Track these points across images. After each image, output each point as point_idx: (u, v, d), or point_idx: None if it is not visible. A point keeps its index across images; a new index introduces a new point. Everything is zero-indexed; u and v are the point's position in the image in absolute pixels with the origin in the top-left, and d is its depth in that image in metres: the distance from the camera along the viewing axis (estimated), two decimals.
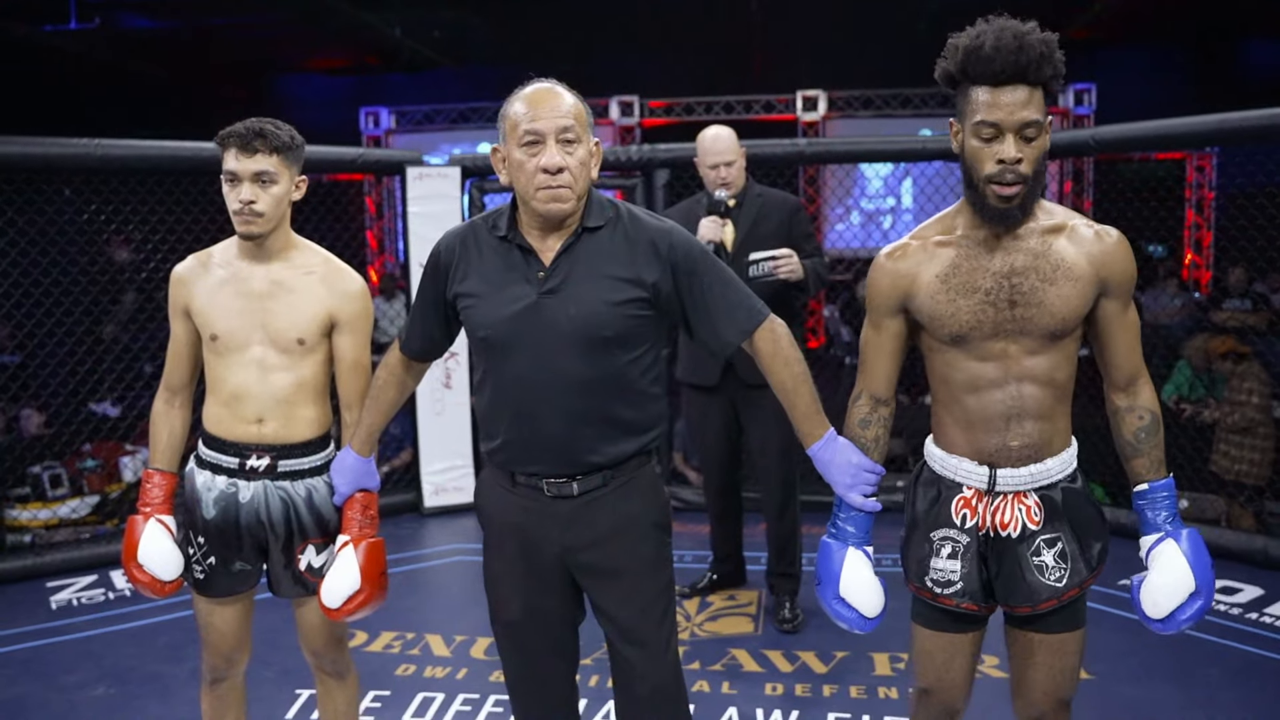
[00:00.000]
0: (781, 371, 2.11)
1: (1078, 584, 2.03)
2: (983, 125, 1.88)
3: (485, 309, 2.09)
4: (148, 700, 3.44)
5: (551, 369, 2.05)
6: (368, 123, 11.16)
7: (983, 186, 1.91)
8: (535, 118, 1.99)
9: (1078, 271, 1.95)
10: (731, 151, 3.91)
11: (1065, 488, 2.05)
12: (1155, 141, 5.23)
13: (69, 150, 4.59)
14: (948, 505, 2.07)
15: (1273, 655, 3.64)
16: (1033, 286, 1.95)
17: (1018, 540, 2.03)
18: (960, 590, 2.06)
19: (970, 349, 1.99)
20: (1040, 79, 1.87)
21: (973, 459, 2.04)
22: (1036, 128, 1.88)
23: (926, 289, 2.00)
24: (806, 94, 10.55)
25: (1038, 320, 1.95)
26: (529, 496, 2.14)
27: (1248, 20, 9.80)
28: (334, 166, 5.58)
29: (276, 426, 2.38)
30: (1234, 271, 7.74)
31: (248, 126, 2.30)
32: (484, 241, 2.13)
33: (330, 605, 2.33)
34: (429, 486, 5.57)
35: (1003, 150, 1.87)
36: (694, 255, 2.11)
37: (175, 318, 2.45)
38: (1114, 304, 2.00)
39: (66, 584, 4.58)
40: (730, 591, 4.29)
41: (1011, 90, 1.86)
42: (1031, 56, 1.85)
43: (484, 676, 3.55)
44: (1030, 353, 1.98)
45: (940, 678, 2.14)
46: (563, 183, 1.99)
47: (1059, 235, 1.97)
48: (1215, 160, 10.42)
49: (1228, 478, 5.43)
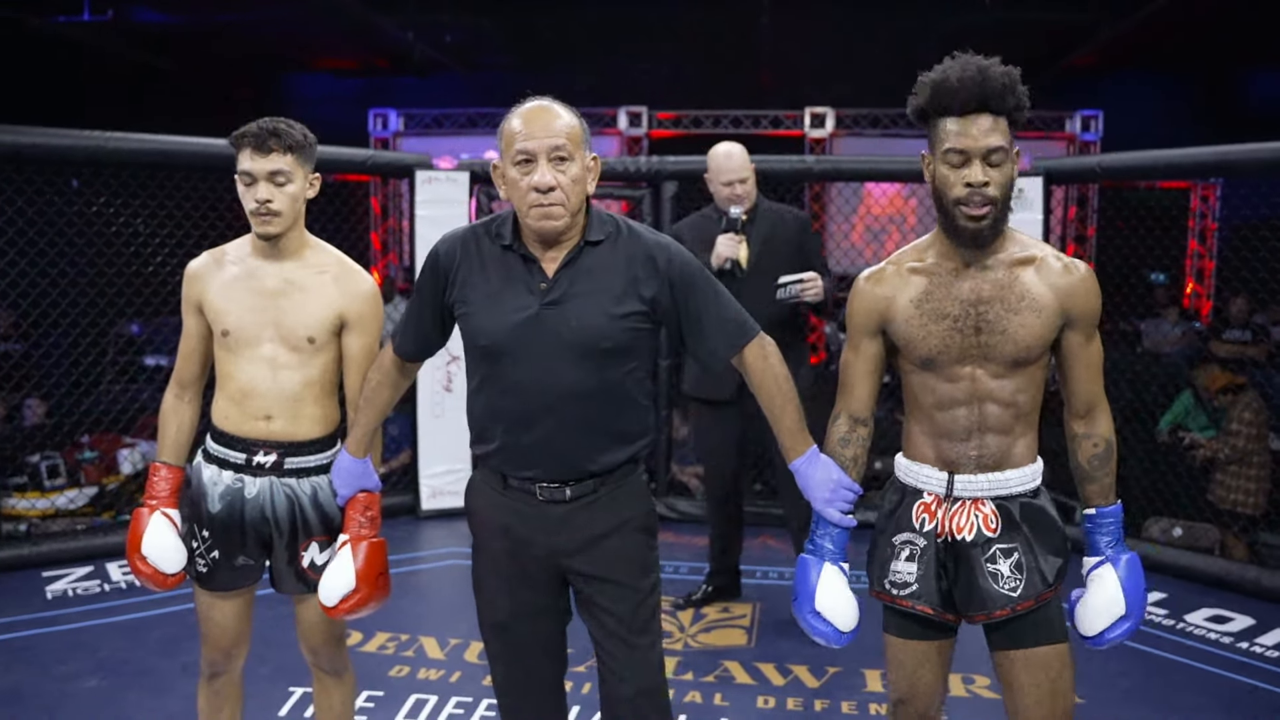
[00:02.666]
0: (770, 387, 2.16)
1: (1033, 596, 2.07)
2: (951, 152, 1.99)
3: (485, 317, 2.11)
4: (140, 693, 3.44)
5: (550, 378, 2.08)
6: (376, 124, 11.18)
7: (952, 210, 2.01)
8: (528, 136, 2.03)
9: (1042, 303, 2.04)
10: (745, 169, 3.96)
11: (1024, 501, 2.11)
12: (1161, 170, 5.26)
13: (79, 142, 4.61)
14: (908, 510, 2.15)
15: (1263, 685, 3.66)
16: (997, 315, 2.04)
17: (972, 545, 2.09)
18: (916, 592, 2.12)
19: (939, 371, 2.09)
20: (1003, 109, 1.98)
21: (934, 465, 2.13)
22: (1002, 154, 1.98)
23: (902, 313, 2.10)
24: (814, 110, 10.59)
25: (1001, 347, 2.04)
26: (520, 499, 2.17)
27: (1255, 50, 9.85)
28: (344, 167, 5.60)
29: (284, 424, 2.40)
30: (1235, 302, 7.78)
31: (261, 126, 2.32)
32: (485, 248, 2.15)
33: (326, 603, 2.35)
34: (427, 489, 5.58)
35: (971, 175, 1.97)
36: (690, 270, 2.15)
37: (188, 313, 2.47)
38: (1077, 335, 2.09)
39: (62, 574, 4.58)
40: (724, 604, 4.30)
41: (976, 119, 1.97)
42: (994, 88, 1.95)
43: (477, 680, 3.56)
44: (995, 376, 2.07)
45: (911, 686, 2.18)
46: (554, 200, 2.02)
47: (1027, 267, 2.06)
48: (1219, 191, 10.46)
49: (1223, 507, 5.45)
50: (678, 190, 5.54)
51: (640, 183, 5.59)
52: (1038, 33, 9.12)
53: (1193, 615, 4.25)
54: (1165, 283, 9.80)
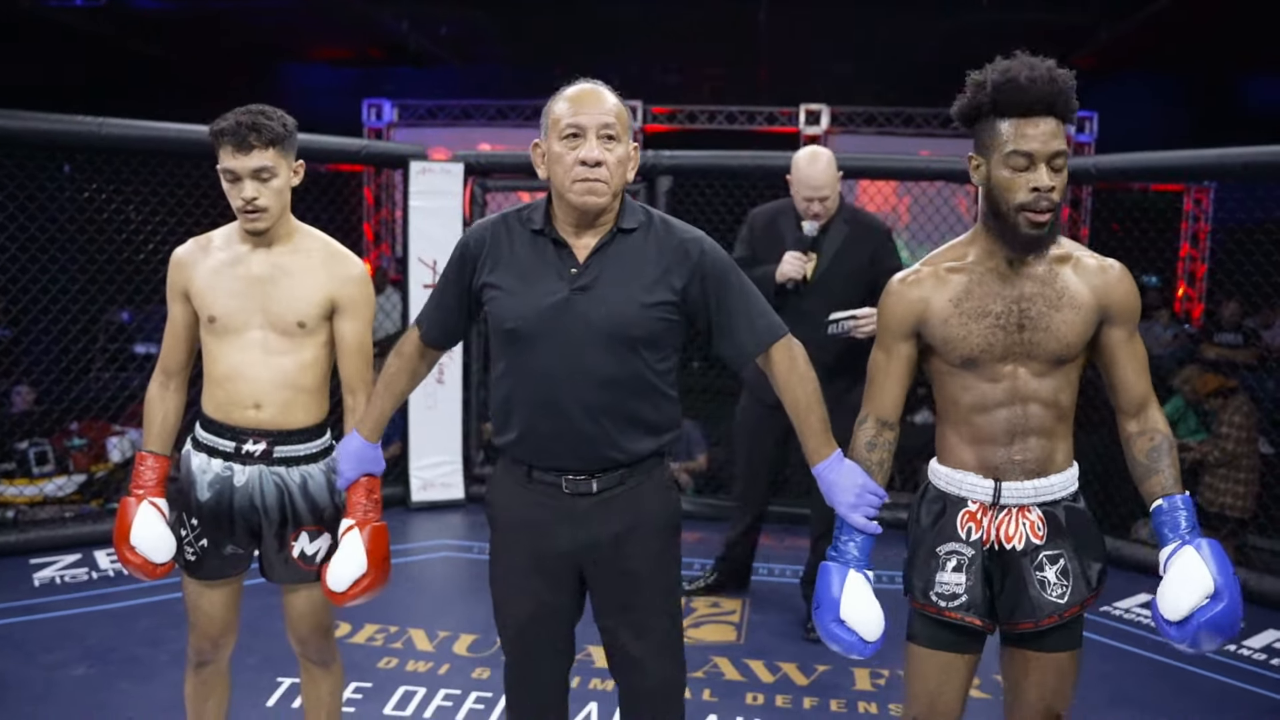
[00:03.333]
0: (796, 389, 2.14)
1: (1079, 602, 2.06)
2: (1015, 155, 1.94)
3: (514, 301, 2.10)
4: (128, 682, 3.43)
5: (577, 365, 2.07)
6: (370, 115, 11.15)
7: (1014, 215, 1.96)
8: (578, 112, 2.03)
9: (1081, 300, 2.02)
10: (828, 186, 3.71)
11: (1068, 506, 2.09)
12: (1155, 172, 5.27)
13: (73, 128, 4.58)
14: (953, 520, 2.11)
15: (1249, 688, 3.66)
16: (1040, 312, 2.01)
17: (1021, 554, 2.06)
18: (965, 604, 2.09)
19: (980, 371, 2.05)
20: (1066, 112, 1.94)
21: (978, 473, 2.08)
22: (1064, 158, 1.95)
23: (939, 314, 2.06)
24: (810, 108, 10.59)
25: (1044, 344, 2.01)
26: (545, 493, 2.16)
27: (1249, 55, 9.87)
28: (337, 157, 5.58)
29: (274, 411, 2.38)
30: (1228, 305, 7.80)
31: (240, 121, 2.29)
32: (516, 234, 2.15)
33: (336, 589, 2.33)
34: (417, 481, 5.57)
35: (1037, 179, 1.93)
36: (723, 265, 2.15)
37: (174, 300, 2.45)
38: (1118, 332, 2.06)
39: (49, 562, 4.56)
40: (715, 599, 4.30)
41: (1043, 121, 1.93)
42: (1063, 88, 1.93)
43: (466, 673, 3.56)
44: (1037, 375, 2.04)
45: (933, 704, 2.14)
46: (599, 176, 2.02)
47: (1065, 265, 2.04)
48: (1212, 194, 10.49)
49: (1211, 510, 5.46)
50: (672, 185, 5.54)
51: (636, 177, 5.56)
52: (1035, 34, 9.11)
53: None
54: (1157, 285, 9.83)
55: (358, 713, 3.26)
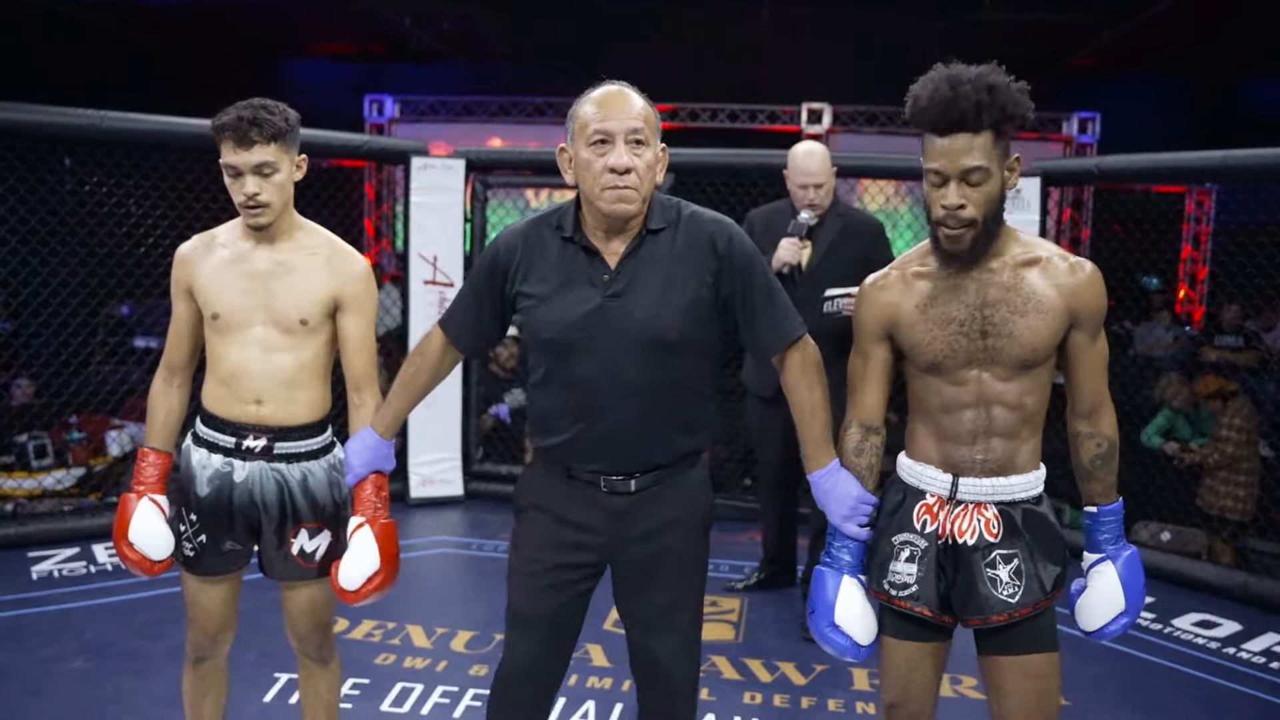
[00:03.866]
0: (804, 392, 2.15)
1: (1031, 603, 2.06)
2: (930, 172, 1.97)
3: (549, 310, 2.09)
4: (125, 676, 3.42)
5: (616, 372, 2.06)
6: (372, 110, 11.14)
7: (935, 230, 1.99)
8: (605, 118, 2.01)
9: (1048, 304, 2.02)
10: (823, 173, 3.86)
11: (1027, 508, 2.10)
12: (1158, 173, 5.27)
13: (74, 120, 4.58)
14: (910, 511, 2.13)
15: (1247, 690, 3.66)
16: (1004, 318, 2.02)
17: (973, 549, 2.08)
18: (915, 594, 2.11)
19: (945, 375, 2.07)
20: (980, 126, 1.91)
21: (939, 467, 2.11)
22: (981, 173, 1.93)
23: (907, 318, 2.08)
24: (812, 106, 10.58)
25: (1008, 350, 2.02)
26: (582, 490, 2.16)
27: (1253, 57, 9.86)
28: (339, 152, 5.58)
29: (275, 408, 2.38)
30: (1229, 308, 7.79)
31: (241, 116, 2.27)
32: (547, 240, 2.12)
33: (349, 588, 2.31)
34: (416, 478, 5.56)
35: (946, 197, 1.94)
36: (748, 255, 2.13)
37: (178, 297, 2.45)
38: (1083, 335, 2.07)
39: (48, 555, 4.56)
40: (713, 598, 4.30)
41: (952, 138, 1.92)
42: (965, 106, 1.89)
43: (463, 670, 3.55)
44: (1002, 379, 2.05)
45: (904, 689, 2.17)
46: (629, 184, 2.00)
47: (1032, 268, 2.03)
48: (1214, 196, 10.48)
49: (1211, 512, 5.46)
50: (674, 183, 5.53)
51: None
52: (1038, 33, 9.12)
53: (1180, 620, 4.25)
54: (1159, 287, 9.82)
55: (355, 709, 3.26)
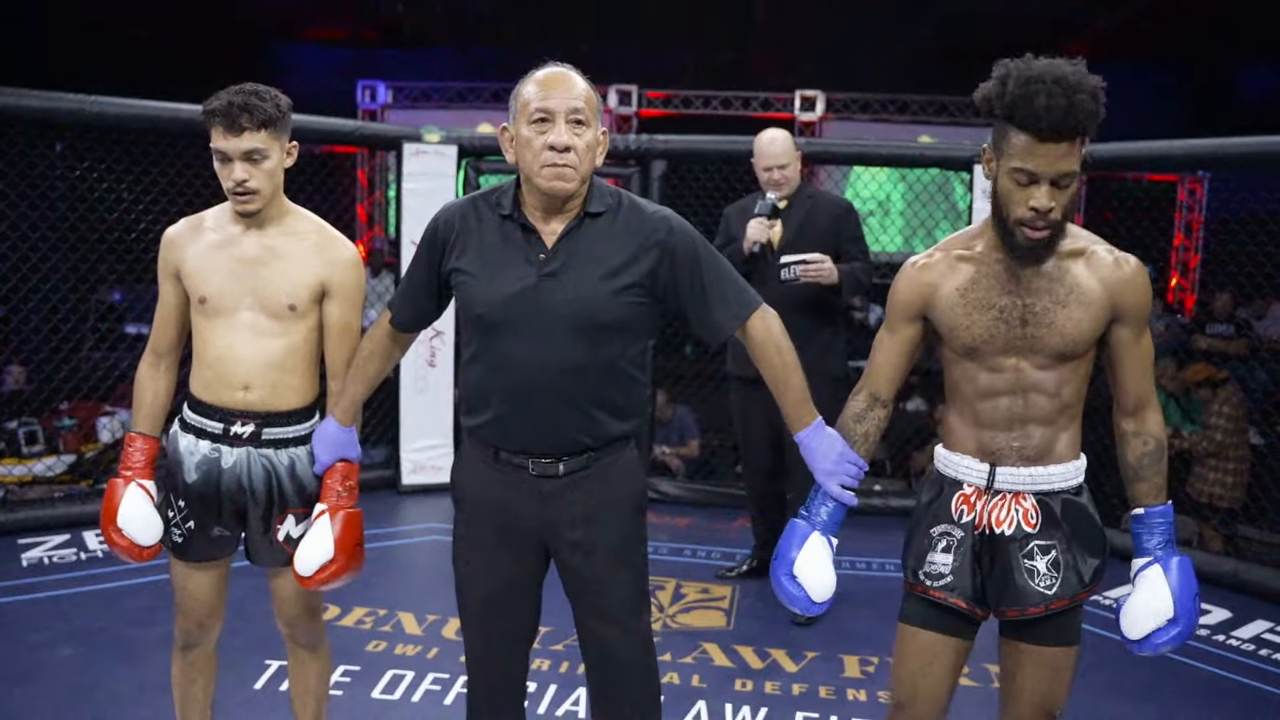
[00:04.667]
0: (774, 359, 2.15)
1: (1068, 595, 2.05)
2: (1019, 171, 1.90)
3: (483, 287, 2.09)
4: (115, 663, 3.42)
5: (546, 351, 2.06)
6: (364, 96, 11.10)
7: (1013, 227, 1.95)
8: (547, 97, 2.02)
9: (1091, 296, 1.99)
10: (786, 155, 4.01)
11: (1066, 499, 2.08)
12: (1149, 162, 5.26)
13: (63, 105, 4.56)
14: (948, 501, 2.12)
15: (1235, 677, 3.68)
16: (1045, 308, 1.99)
17: (1011, 540, 2.06)
18: (950, 584, 2.09)
19: (982, 361, 2.05)
20: (1086, 131, 1.88)
21: (976, 456, 2.09)
22: (1071, 177, 1.90)
23: (946, 300, 2.06)
24: (805, 94, 10.56)
25: (1047, 340, 2.00)
26: (511, 473, 2.15)
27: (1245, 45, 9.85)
28: (331, 138, 5.57)
29: (263, 393, 2.37)
30: (1220, 296, 7.81)
31: (231, 102, 2.26)
32: (485, 218, 2.14)
33: (303, 573, 2.33)
34: (408, 464, 5.56)
35: (1036, 199, 1.90)
36: (692, 242, 2.14)
37: (165, 280, 2.43)
38: (1127, 331, 2.04)
39: (38, 542, 4.55)
40: (704, 585, 4.31)
41: (1055, 144, 1.87)
42: (1079, 115, 1.84)
43: (454, 656, 3.55)
44: (1040, 368, 2.03)
45: (916, 685, 2.13)
46: (568, 162, 2.01)
47: (1077, 260, 2.01)
48: (1206, 184, 10.49)
49: (1201, 500, 5.48)
50: (666, 169, 5.53)
51: (629, 161, 5.57)
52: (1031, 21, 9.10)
53: None
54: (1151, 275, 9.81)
55: (346, 696, 3.25)
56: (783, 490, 4.26)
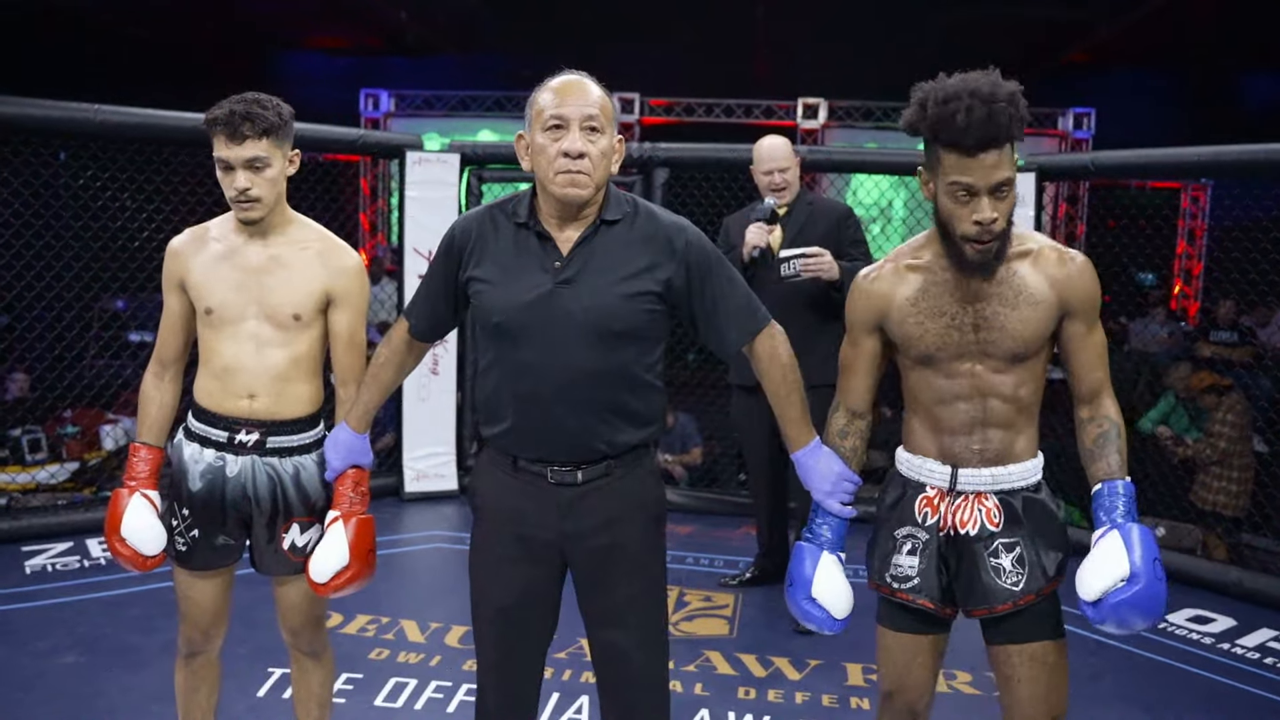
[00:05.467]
0: (777, 376, 2.16)
1: (1035, 590, 2.06)
2: (956, 186, 1.93)
3: (499, 295, 2.09)
4: (118, 670, 3.42)
5: (562, 359, 2.06)
6: (367, 104, 11.14)
7: (960, 243, 1.98)
8: (561, 104, 2.02)
9: (1039, 296, 2.02)
10: (785, 160, 4.02)
11: (1027, 496, 2.10)
12: (1153, 169, 5.27)
13: (68, 114, 4.57)
14: (911, 504, 2.15)
15: (1242, 686, 3.67)
16: (994, 312, 2.02)
17: (975, 540, 2.09)
18: (917, 586, 2.12)
19: (938, 368, 2.08)
20: (1011, 138, 1.91)
21: (937, 459, 2.12)
22: (1008, 185, 1.93)
23: (898, 311, 2.09)
24: (807, 101, 10.58)
25: (1000, 343, 2.03)
26: (529, 482, 2.14)
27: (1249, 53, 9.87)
28: (333, 147, 5.57)
29: (268, 402, 2.37)
30: (1224, 304, 7.80)
31: (233, 110, 2.26)
32: (501, 227, 2.14)
33: (318, 580, 2.33)
34: (410, 472, 5.56)
35: (979, 213, 1.93)
36: (707, 254, 2.14)
37: (170, 291, 2.44)
38: (1077, 325, 2.06)
39: (42, 549, 4.55)
40: (707, 593, 4.30)
41: (983, 155, 1.89)
42: (1001, 123, 1.87)
43: (457, 664, 3.55)
44: (995, 371, 2.06)
45: (901, 679, 2.18)
46: (582, 169, 2.01)
47: (1024, 261, 2.04)
48: (1210, 192, 10.49)
49: (1205, 508, 5.47)
50: (669, 177, 5.53)
51: (631, 169, 5.57)
52: (1034, 29, 9.12)
53: (1174, 615, 4.26)
54: (1154, 283, 9.83)
55: (348, 704, 3.25)
56: (786, 498, 4.26)
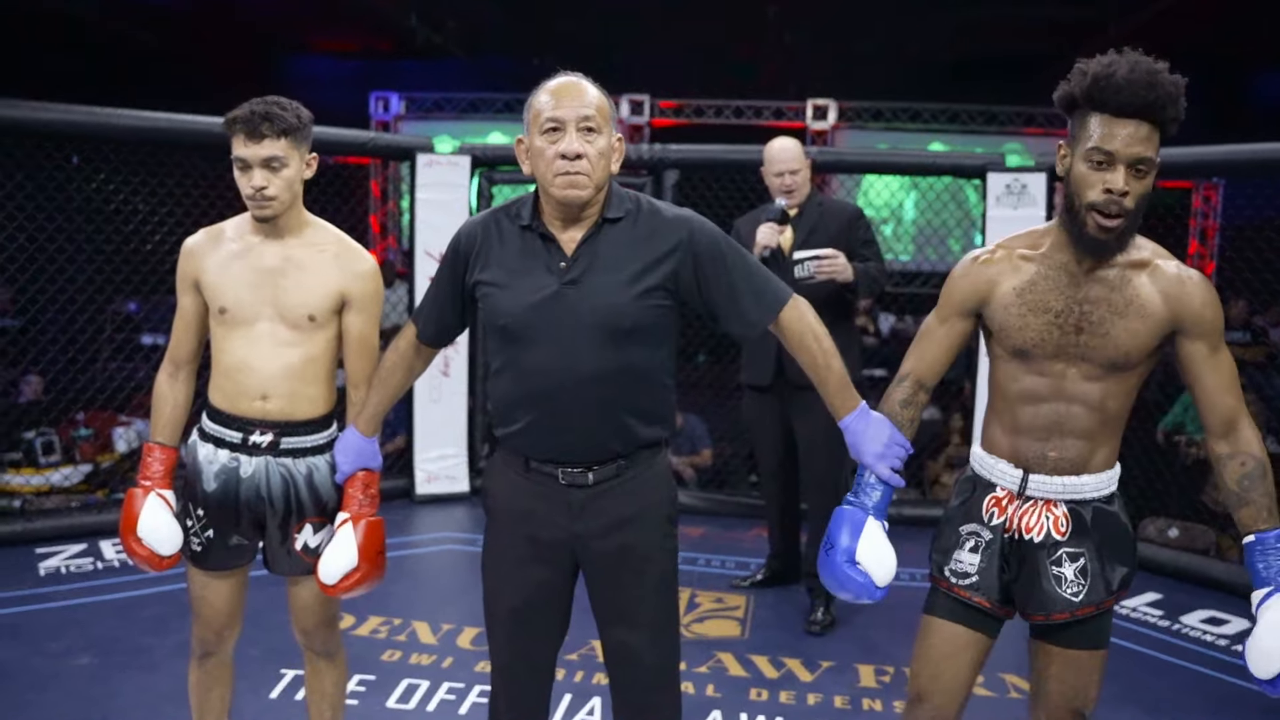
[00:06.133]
0: (812, 347, 2.14)
1: (1095, 603, 2.05)
2: (1096, 151, 1.90)
3: (506, 297, 2.10)
4: (131, 671, 3.43)
5: (571, 359, 2.06)
6: (377, 107, 11.15)
7: (1084, 213, 1.93)
8: (557, 106, 2.03)
9: (1150, 309, 1.98)
10: (796, 161, 4.02)
11: (1098, 507, 2.08)
12: (1164, 169, 5.19)
13: (80, 118, 4.59)
14: (979, 502, 2.13)
15: (1254, 687, 3.63)
16: (1102, 317, 1.98)
17: (1039, 547, 2.07)
18: (976, 584, 2.11)
19: (1031, 365, 2.05)
20: (1163, 118, 1.89)
21: (1010, 461, 2.10)
22: (1149, 164, 1.90)
23: (1001, 299, 2.05)
24: (817, 103, 10.57)
25: (1101, 350, 1.99)
26: (542, 483, 2.14)
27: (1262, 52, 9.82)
28: (344, 149, 5.59)
29: (281, 403, 2.38)
30: (1235, 304, 7.76)
31: (253, 110, 2.29)
32: (506, 230, 2.14)
33: (327, 581, 2.33)
34: (422, 474, 5.57)
35: (1112, 180, 1.89)
36: (716, 241, 2.13)
37: (184, 291, 2.45)
38: (1197, 345, 2.00)
39: (55, 551, 4.57)
40: (719, 594, 4.30)
41: (1133, 124, 1.88)
42: (1161, 94, 1.86)
43: (469, 666, 3.55)
44: (1087, 378, 2.02)
45: (936, 676, 2.14)
46: (580, 169, 2.02)
47: (1141, 271, 2.00)
48: (1221, 191, 10.45)
49: (1219, 509, 5.44)
50: (679, 179, 5.54)
51: (641, 170, 5.58)
52: (1045, 28, 9.09)
53: (1188, 617, 4.24)
54: None
55: (361, 706, 3.26)
56: (798, 499, 4.26)
